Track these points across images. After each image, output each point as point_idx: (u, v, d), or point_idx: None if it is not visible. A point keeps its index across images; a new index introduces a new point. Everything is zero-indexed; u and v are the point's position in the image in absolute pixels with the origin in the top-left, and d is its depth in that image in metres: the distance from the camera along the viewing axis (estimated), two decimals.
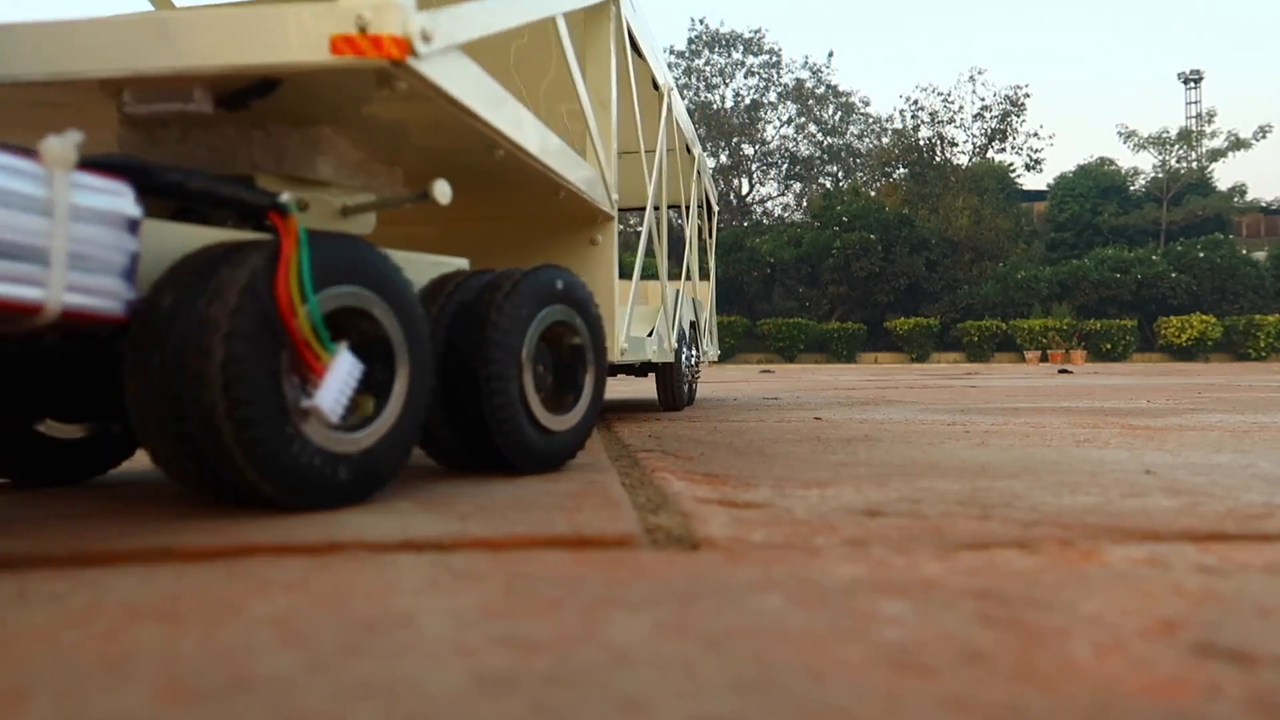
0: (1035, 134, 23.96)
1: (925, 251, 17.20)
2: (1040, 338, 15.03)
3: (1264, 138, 19.29)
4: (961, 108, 23.04)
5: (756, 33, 21.57)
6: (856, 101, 22.40)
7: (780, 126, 22.01)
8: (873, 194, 19.49)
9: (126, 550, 0.65)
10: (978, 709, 0.36)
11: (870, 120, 22.23)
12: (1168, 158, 20.27)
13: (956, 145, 20.41)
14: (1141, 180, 20.80)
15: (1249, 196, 20.55)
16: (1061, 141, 68.40)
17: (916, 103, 23.07)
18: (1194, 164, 20.10)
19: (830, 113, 22.01)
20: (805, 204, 21.35)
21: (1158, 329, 15.69)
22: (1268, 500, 0.85)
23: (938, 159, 20.08)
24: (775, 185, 22.87)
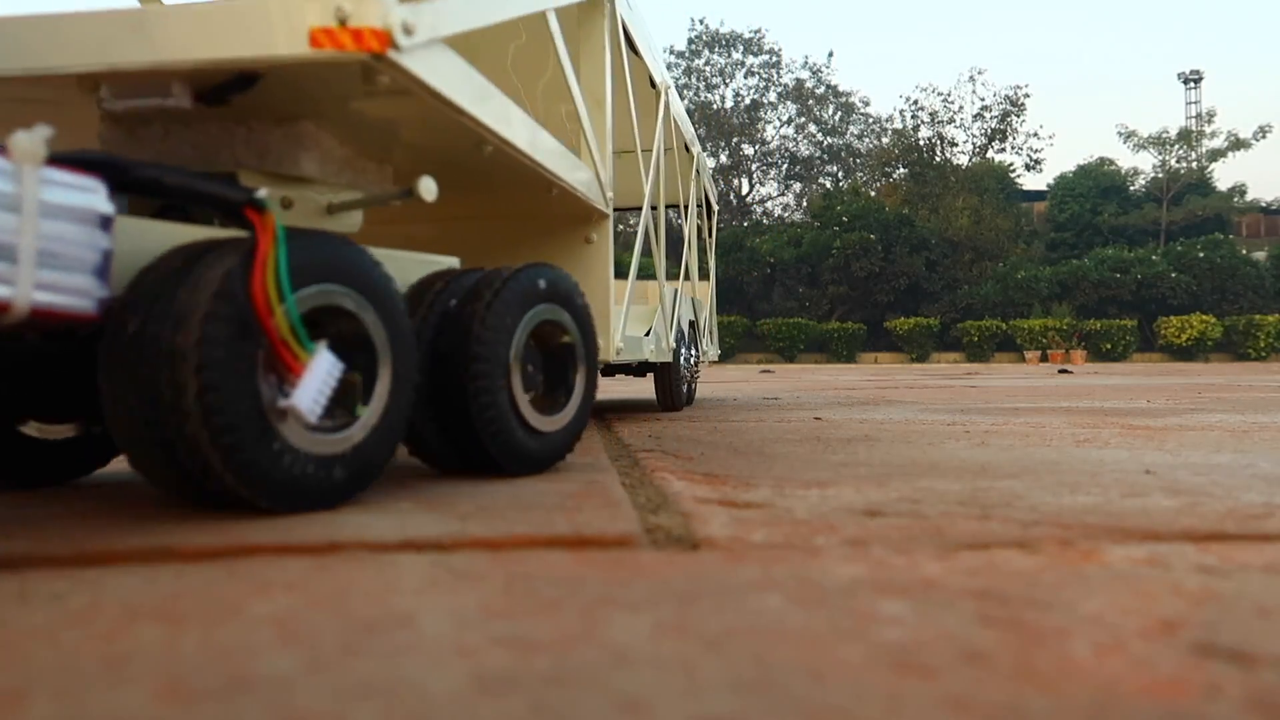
0: (1035, 134, 24.01)
1: (925, 251, 17.20)
2: (1040, 338, 15.04)
3: (1264, 138, 19.32)
4: (961, 108, 23.09)
5: (756, 33, 21.59)
6: (856, 101, 22.45)
7: (780, 126, 22.03)
8: (873, 194, 19.50)
9: (126, 550, 0.65)
10: (978, 709, 0.36)
11: (870, 120, 22.27)
12: (1168, 158, 20.29)
13: (956, 145, 20.43)
14: (1141, 180, 20.82)
15: (1249, 196, 20.57)
16: (1061, 141, 68.45)
17: (916, 103, 23.10)
18: (1194, 164, 20.11)
19: (830, 113, 22.04)
20: (805, 204, 21.36)
21: (1158, 329, 15.69)
22: (1268, 500, 0.85)
23: (938, 159, 20.09)
24: (775, 185, 22.91)
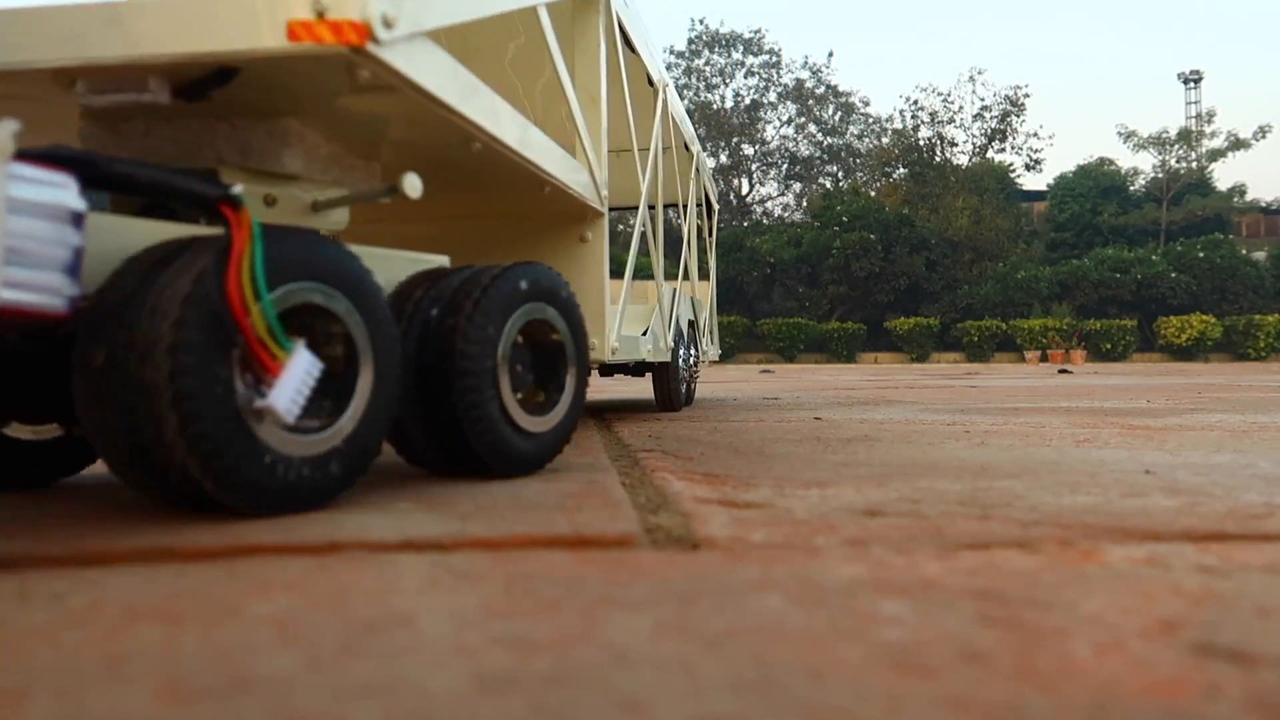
0: (1035, 134, 24.05)
1: (925, 251, 17.20)
2: (1040, 338, 15.04)
3: (1264, 138, 19.32)
4: (961, 108, 23.11)
5: (756, 33, 21.60)
6: (856, 101, 22.46)
7: (780, 126, 22.04)
8: (873, 194, 19.51)
9: (126, 550, 0.65)
10: (978, 709, 0.36)
11: (870, 120, 22.27)
12: (1167, 158, 20.29)
13: (956, 145, 20.44)
14: (1141, 180, 20.82)
15: (1249, 196, 20.57)
16: (1061, 141, 68.48)
17: (916, 103, 23.11)
18: (1194, 164, 20.11)
19: (830, 113, 22.04)
20: (805, 204, 21.37)
21: (1157, 329, 15.70)
22: (1268, 500, 0.85)
23: (938, 159, 20.10)
24: (775, 185, 22.92)
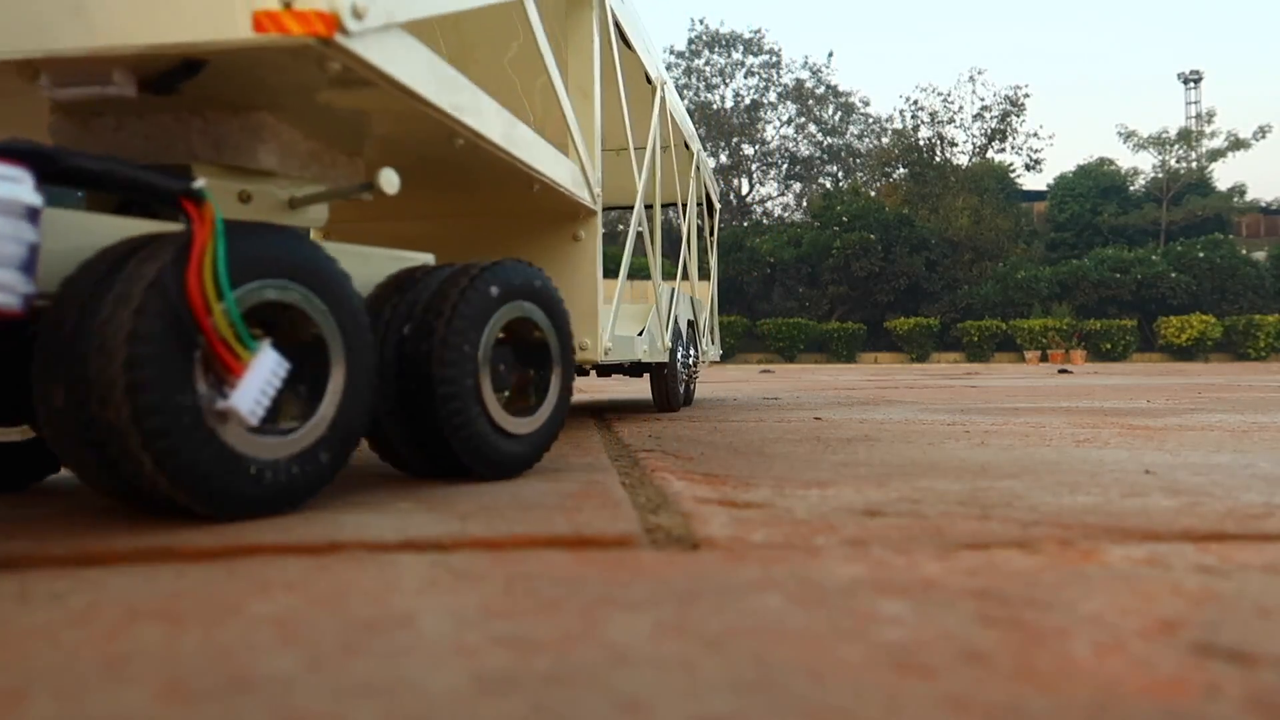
0: (1035, 134, 24.07)
1: (925, 251, 17.20)
2: (1040, 338, 15.04)
3: (1263, 138, 19.33)
4: (961, 108, 23.13)
5: (756, 33, 21.61)
6: (856, 101, 22.47)
7: (780, 126, 22.05)
8: (873, 194, 19.51)
9: (126, 550, 0.65)
10: (978, 709, 0.36)
11: (870, 120, 22.28)
12: (1167, 158, 20.30)
13: (956, 145, 20.45)
14: (1141, 180, 20.83)
15: (1249, 196, 20.58)
16: (1061, 141, 68.56)
17: (916, 103, 23.12)
18: (1194, 164, 20.12)
19: (830, 113, 22.05)
20: (805, 204, 21.37)
21: (1157, 329, 15.70)
22: (1267, 500, 0.85)
23: (938, 159, 20.10)
24: (775, 185, 22.92)
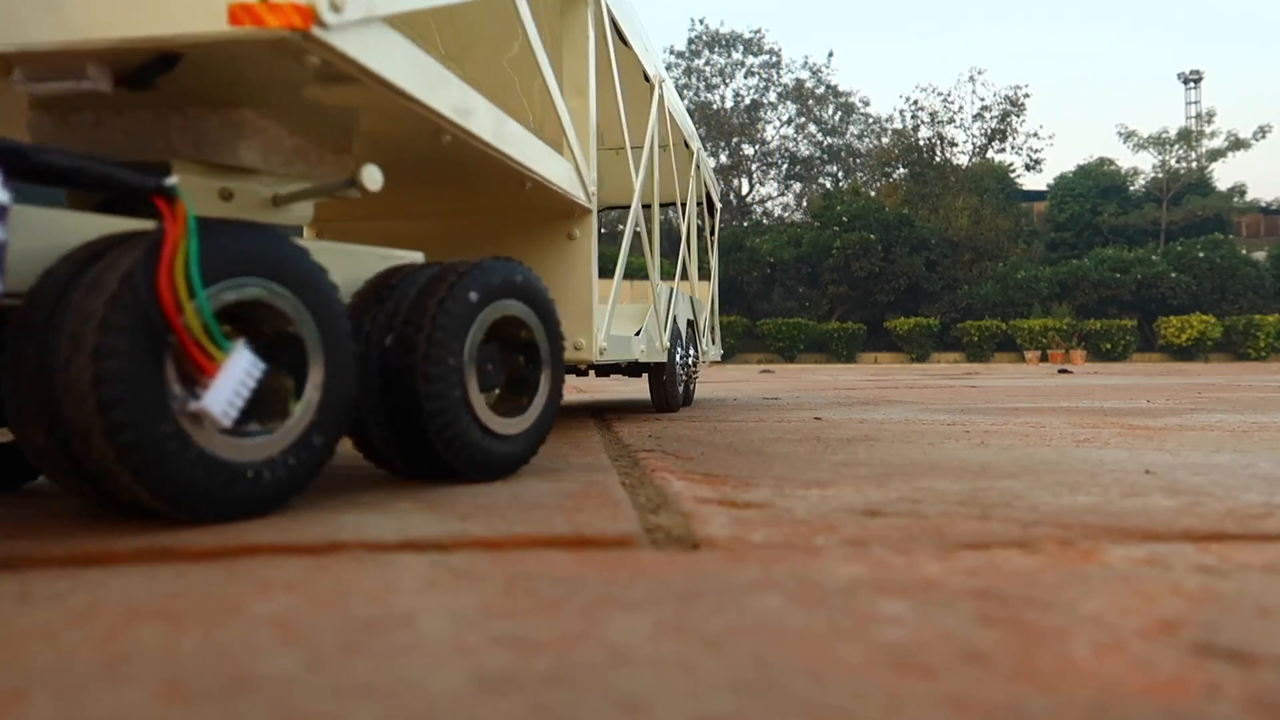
0: (1035, 134, 24.07)
1: (925, 251, 17.20)
2: (1040, 338, 15.04)
3: (1264, 138, 19.33)
4: (961, 108, 23.13)
5: (756, 33, 21.62)
6: (856, 101, 22.48)
7: (780, 126, 22.05)
8: (873, 194, 19.51)
9: (126, 550, 0.65)
10: (978, 709, 0.36)
11: (870, 120, 22.28)
12: (1167, 158, 20.30)
13: (956, 145, 20.45)
14: (1141, 180, 20.83)
15: (1249, 196, 20.58)
16: (1061, 141, 68.58)
17: (916, 103, 23.14)
18: (1194, 164, 20.11)
19: (830, 113, 22.05)
20: (805, 204, 21.37)
21: (1157, 329, 15.70)
22: (1267, 500, 0.85)
23: (938, 159, 20.10)
24: (775, 185, 22.92)
